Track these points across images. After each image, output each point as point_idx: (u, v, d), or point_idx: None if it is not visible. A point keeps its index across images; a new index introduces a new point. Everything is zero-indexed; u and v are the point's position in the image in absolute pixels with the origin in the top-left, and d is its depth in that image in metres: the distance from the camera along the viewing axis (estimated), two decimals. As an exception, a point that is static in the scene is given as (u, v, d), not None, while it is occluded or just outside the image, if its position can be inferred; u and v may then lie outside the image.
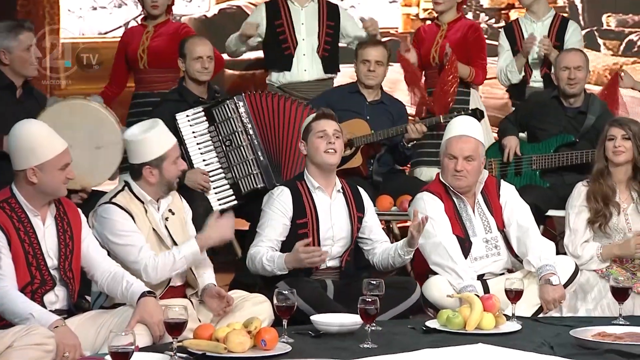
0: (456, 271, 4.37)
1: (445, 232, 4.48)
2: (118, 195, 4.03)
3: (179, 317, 3.37)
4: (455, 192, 4.57)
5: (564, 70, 5.50)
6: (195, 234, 4.24)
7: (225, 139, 5.23)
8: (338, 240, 4.50)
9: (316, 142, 4.45)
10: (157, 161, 4.03)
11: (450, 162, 4.54)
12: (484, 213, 4.62)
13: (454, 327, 3.86)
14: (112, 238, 3.94)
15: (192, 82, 5.37)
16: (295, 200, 4.44)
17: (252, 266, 4.37)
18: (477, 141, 4.56)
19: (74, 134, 4.44)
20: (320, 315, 3.91)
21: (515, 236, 4.55)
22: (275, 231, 4.40)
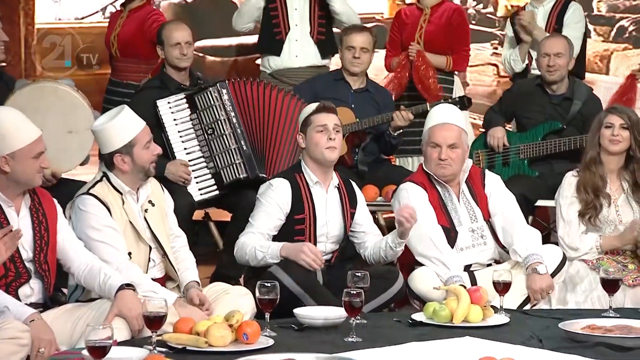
0: (442, 261, 4.38)
1: (430, 222, 4.48)
2: (96, 186, 4.00)
3: (158, 310, 3.36)
4: (440, 181, 4.58)
5: (543, 57, 5.51)
6: (177, 225, 4.23)
7: (208, 127, 5.21)
8: (331, 237, 4.50)
9: (316, 137, 4.42)
10: (126, 148, 4.00)
11: (434, 151, 4.55)
12: (469, 202, 4.63)
13: (440, 320, 3.87)
14: (88, 232, 3.91)
15: (172, 69, 5.35)
16: (294, 195, 4.42)
17: (241, 253, 4.33)
18: (460, 129, 4.58)
19: (44, 119, 4.41)
20: (303, 308, 3.90)
21: (501, 226, 4.56)
22: (268, 223, 4.38)
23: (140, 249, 4.03)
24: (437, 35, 6.01)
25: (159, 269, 4.10)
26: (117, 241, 3.92)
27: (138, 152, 4.00)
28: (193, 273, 4.14)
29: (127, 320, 3.63)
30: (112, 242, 3.90)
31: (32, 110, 4.11)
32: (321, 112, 4.45)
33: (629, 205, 4.77)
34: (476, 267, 4.58)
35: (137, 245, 4.02)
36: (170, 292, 3.95)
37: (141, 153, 4.01)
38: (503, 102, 5.77)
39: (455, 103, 5.47)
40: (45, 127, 3.88)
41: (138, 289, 3.76)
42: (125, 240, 3.97)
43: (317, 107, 4.47)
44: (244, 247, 4.34)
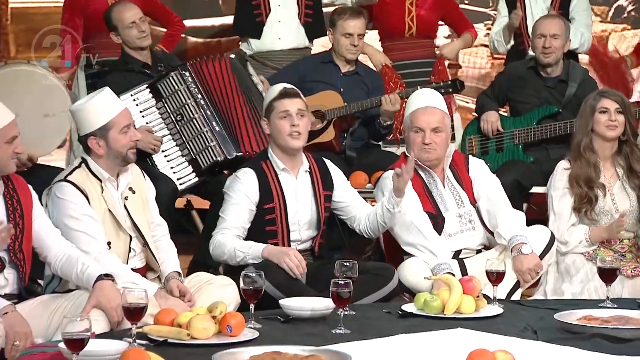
0: (429, 249, 4.40)
1: (415, 209, 4.50)
2: (74, 172, 3.99)
3: (138, 301, 3.35)
4: (423, 166, 4.60)
5: (539, 38, 5.51)
6: (158, 214, 4.22)
7: (176, 114, 5.18)
8: (304, 224, 4.49)
9: (279, 124, 4.42)
10: (101, 131, 3.98)
11: (417, 136, 4.56)
12: (455, 188, 4.65)
13: (431, 311, 3.87)
14: (65, 221, 3.90)
15: (132, 50, 5.31)
16: (262, 184, 4.41)
17: (218, 252, 4.33)
18: (443, 112, 4.60)
19: (19, 102, 4.40)
20: (290, 299, 3.90)
21: (485, 209, 4.59)
22: (240, 217, 4.38)
23: (120, 239, 4.02)
24: (429, 18, 6.01)
25: (139, 259, 4.10)
26: (96, 230, 3.91)
27: (114, 136, 3.98)
28: (174, 263, 4.14)
29: (105, 312, 3.62)
30: (91, 232, 3.89)
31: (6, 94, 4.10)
32: (283, 98, 4.44)
33: (625, 192, 4.77)
34: (466, 254, 4.59)
35: (116, 235, 4.01)
36: (150, 282, 3.95)
37: (117, 137, 3.98)
38: (496, 86, 5.77)
39: (448, 87, 5.48)
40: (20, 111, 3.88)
41: (117, 279, 3.75)
42: (105, 229, 3.96)
43: (279, 93, 4.45)
44: (221, 247, 4.33)
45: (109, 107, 4.00)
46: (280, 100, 4.43)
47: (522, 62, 5.80)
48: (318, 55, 5.93)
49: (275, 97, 4.44)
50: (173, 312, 3.58)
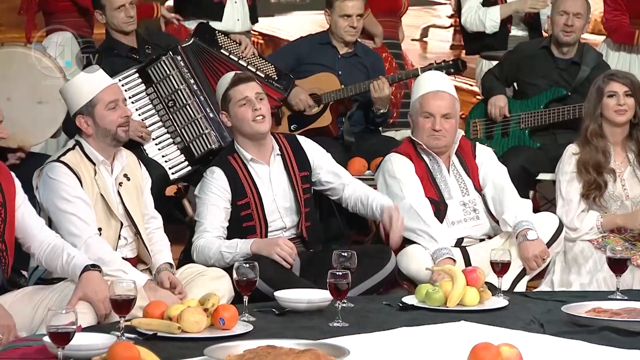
0: (429, 233, 4.39)
1: (416, 194, 4.51)
2: (68, 154, 3.99)
3: (126, 293, 3.35)
4: (428, 151, 4.60)
5: (561, 14, 5.51)
6: (152, 206, 4.22)
7: (167, 100, 5.16)
8: (285, 211, 4.49)
9: (240, 112, 4.41)
10: (87, 107, 3.99)
11: (427, 121, 4.56)
12: (460, 175, 4.66)
13: (433, 303, 3.88)
14: (56, 202, 3.91)
15: (117, 33, 5.30)
16: (232, 180, 4.41)
17: (203, 258, 4.31)
18: (453, 97, 4.61)
19: (11, 87, 4.39)
20: (285, 291, 3.91)
21: (491, 196, 4.60)
22: (217, 217, 4.38)
23: (110, 225, 4.02)
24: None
25: (130, 248, 4.10)
26: (87, 214, 3.92)
27: (100, 113, 3.98)
28: (166, 255, 4.14)
29: (92, 304, 3.62)
30: (82, 215, 3.90)
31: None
32: (238, 85, 4.43)
33: (636, 178, 4.77)
34: (469, 242, 4.60)
35: (107, 221, 4.01)
36: (140, 273, 3.95)
37: (104, 114, 3.98)
38: (504, 66, 5.76)
39: (449, 67, 5.46)
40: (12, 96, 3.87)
41: (106, 267, 3.75)
42: (96, 214, 3.96)
43: (232, 80, 4.44)
44: (204, 252, 4.32)
45: (93, 82, 4.00)
46: (235, 87, 4.43)
47: (535, 41, 5.80)
48: (315, 35, 5.92)
49: (229, 86, 4.44)
50: (163, 304, 3.58)
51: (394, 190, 4.52)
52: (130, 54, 5.25)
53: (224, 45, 5.26)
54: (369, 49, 5.95)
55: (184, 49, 5.20)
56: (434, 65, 5.57)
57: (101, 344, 3.14)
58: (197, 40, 5.22)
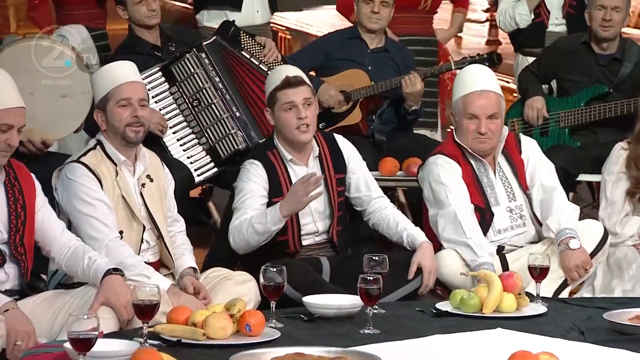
0: (471, 246, 4.37)
1: (462, 201, 4.47)
2: (88, 154, 4.01)
3: (150, 298, 3.36)
4: (475, 155, 4.57)
5: (599, 9, 5.48)
6: (175, 209, 4.22)
7: (192, 99, 5.18)
8: (318, 214, 4.49)
9: (284, 116, 4.39)
10: (102, 103, 4.01)
11: (471, 123, 4.52)
12: (507, 178, 4.62)
13: (469, 309, 3.87)
14: (76, 205, 3.93)
15: (141, 29, 5.31)
16: (270, 176, 4.41)
17: (239, 237, 4.29)
18: (498, 95, 4.55)
19: (35, 80, 4.40)
20: (313, 296, 3.91)
21: (539, 199, 4.56)
22: (256, 202, 4.35)
23: (132, 228, 4.04)
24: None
25: (152, 252, 4.11)
26: (108, 217, 3.93)
27: (111, 109, 4.00)
28: (189, 259, 4.15)
29: (114, 309, 3.64)
30: (102, 218, 3.91)
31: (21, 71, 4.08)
32: (286, 88, 4.39)
33: (689, 181, 4.74)
34: (510, 249, 4.58)
35: (129, 224, 4.03)
36: (164, 277, 3.96)
37: (114, 110, 3.99)
38: (542, 62, 5.74)
39: (483, 61, 5.44)
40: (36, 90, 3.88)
41: (128, 271, 3.77)
42: (117, 217, 3.98)
43: (282, 82, 4.40)
44: (239, 230, 4.29)
45: (114, 76, 4.02)
46: (283, 90, 4.39)
47: (575, 36, 5.76)
48: (344, 30, 5.93)
49: (277, 87, 4.41)
50: (187, 310, 3.59)
51: (440, 197, 4.48)
52: (153, 51, 5.27)
53: (246, 46, 5.26)
54: (399, 44, 5.95)
55: (207, 46, 5.21)
56: (468, 59, 5.56)
57: (124, 351, 3.15)
58: (218, 39, 5.23)
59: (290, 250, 4.42)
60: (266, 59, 5.24)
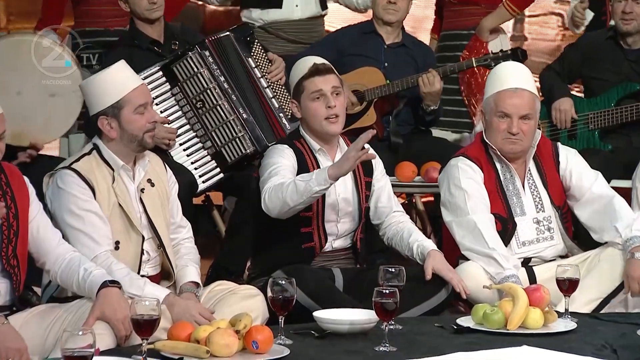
0: (495, 258, 4.36)
1: (482, 209, 4.46)
2: (82, 160, 4.00)
3: (150, 312, 3.37)
4: (502, 158, 4.56)
5: (619, 1, 5.48)
6: (180, 214, 4.22)
7: (196, 100, 5.17)
8: (345, 215, 4.49)
9: (312, 106, 4.39)
10: (113, 109, 4.00)
11: (502, 123, 4.51)
12: (536, 186, 4.61)
13: (492, 325, 3.87)
14: (64, 216, 3.93)
15: (142, 22, 5.32)
16: (299, 160, 4.40)
17: (276, 196, 4.16)
18: (533, 95, 4.54)
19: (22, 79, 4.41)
20: (325, 311, 3.91)
21: (592, 209, 4.54)
22: (287, 173, 4.29)
23: (130, 239, 4.03)
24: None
25: (153, 264, 4.11)
26: (98, 230, 3.92)
27: (127, 116, 4.00)
28: (193, 272, 4.13)
29: (111, 325, 3.63)
30: (91, 231, 3.91)
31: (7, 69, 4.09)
32: (315, 76, 4.40)
33: None
34: (536, 262, 4.57)
35: (126, 234, 4.02)
36: (159, 287, 3.94)
37: (131, 118, 4.00)
38: (566, 60, 5.73)
39: (507, 57, 5.43)
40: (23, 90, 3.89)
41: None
42: (113, 227, 3.97)
43: (310, 70, 4.41)
44: (278, 188, 4.16)
45: (122, 81, 4.02)
46: (310, 79, 4.40)
47: (599, 32, 5.76)
48: (358, 25, 5.93)
49: (304, 75, 4.42)
50: (190, 325, 3.60)
51: (458, 203, 4.48)
52: (152, 46, 5.28)
53: (255, 55, 5.26)
54: (418, 40, 5.95)
55: (215, 41, 5.21)
56: (491, 56, 5.55)
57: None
58: (231, 37, 5.23)
59: (312, 243, 4.39)
60: (270, 76, 5.23)
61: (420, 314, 4.27)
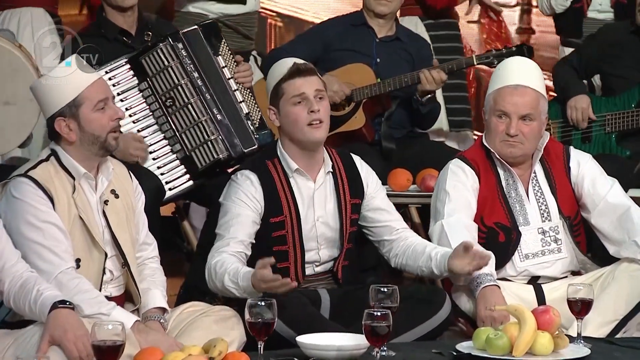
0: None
1: (459, 213, 4.47)
2: (39, 167, 3.99)
3: (112, 338, 3.37)
4: (504, 162, 4.58)
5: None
6: (147, 229, 4.22)
7: (165, 97, 5.16)
8: (324, 241, 4.49)
9: (293, 111, 4.39)
10: (70, 108, 3.99)
11: (500, 123, 4.54)
12: (542, 193, 4.63)
13: (496, 352, 3.87)
14: (21, 228, 3.91)
15: (113, 10, 5.31)
16: (267, 191, 4.40)
17: (213, 284, 4.26)
18: (538, 93, 4.56)
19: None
20: (310, 335, 3.91)
21: (609, 220, 4.56)
22: (242, 230, 4.34)
23: (92, 256, 4.02)
24: None
25: (116, 284, 4.10)
26: (59, 244, 3.92)
27: (87, 115, 3.99)
28: (158, 296, 4.12)
29: (62, 347, 3.60)
30: (52, 245, 3.90)
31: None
32: (296, 77, 4.40)
33: None
34: (545, 281, 4.58)
35: (88, 250, 4.01)
36: (127, 313, 3.95)
37: (91, 116, 3.99)
38: (584, 54, 5.76)
39: (511, 54, 5.45)
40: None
41: (84, 309, 3.75)
42: (73, 242, 3.96)
43: (290, 71, 4.41)
44: (216, 275, 4.20)
45: (77, 76, 4.01)
46: (290, 80, 4.40)
47: (622, 24, 5.79)
48: (347, 16, 5.94)
49: (284, 77, 4.41)
50: (158, 352, 3.60)
51: (438, 207, 4.52)
52: (120, 36, 5.28)
53: (223, 54, 5.27)
54: (414, 32, 5.97)
55: (186, 35, 5.22)
56: (493, 53, 5.57)
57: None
58: (199, 30, 5.24)
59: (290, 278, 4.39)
60: (238, 76, 5.22)
61: (415, 338, 4.27)
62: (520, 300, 4.36)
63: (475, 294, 4.30)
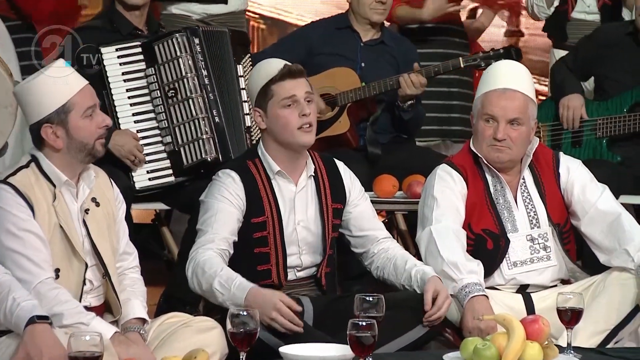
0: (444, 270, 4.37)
1: (447, 219, 4.50)
2: (19, 174, 3.98)
3: (90, 349, 3.37)
4: (492, 167, 4.60)
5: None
6: (127, 239, 4.22)
7: (169, 87, 5.19)
8: (306, 247, 4.51)
9: (283, 114, 4.40)
10: (59, 115, 3.99)
11: (488, 127, 4.56)
12: (531, 200, 4.64)
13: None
14: (3, 238, 3.89)
15: (123, 7, 5.33)
16: (249, 190, 4.42)
17: (197, 282, 4.26)
18: (526, 97, 4.58)
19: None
20: (292, 345, 3.92)
21: (600, 228, 4.57)
22: (225, 227, 4.35)
23: (72, 266, 4.02)
24: None
25: (96, 294, 4.10)
26: (39, 253, 3.91)
27: (75, 122, 3.99)
28: (138, 307, 4.12)
29: (37, 367, 3.61)
30: (32, 254, 3.90)
31: None
32: (286, 79, 4.40)
33: None
34: (534, 289, 4.61)
35: (68, 260, 4.01)
36: (106, 324, 3.95)
37: (80, 123, 4.00)
38: (579, 55, 5.76)
39: (499, 56, 5.49)
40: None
41: (62, 320, 3.76)
42: (52, 251, 3.96)
43: (280, 72, 4.40)
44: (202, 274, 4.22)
45: (65, 82, 4.00)
46: (281, 82, 4.40)
47: (617, 25, 5.80)
48: (330, 19, 5.95)
49: (274, 78, 4.41)
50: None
51: (426, 213, 4.54)
52: (135, 31, 5.29)
53: (244, 64, 5.30)
54: (399, 35, 5.98)
55: (210, 33, 5.24)
56: (480, 55, 5.60)
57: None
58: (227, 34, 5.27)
59: (269, 281, 4.41)
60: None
61: (400, 347, 4.28)
62: (509, 310, 4.38)
63: (463, 303, 4.33)
